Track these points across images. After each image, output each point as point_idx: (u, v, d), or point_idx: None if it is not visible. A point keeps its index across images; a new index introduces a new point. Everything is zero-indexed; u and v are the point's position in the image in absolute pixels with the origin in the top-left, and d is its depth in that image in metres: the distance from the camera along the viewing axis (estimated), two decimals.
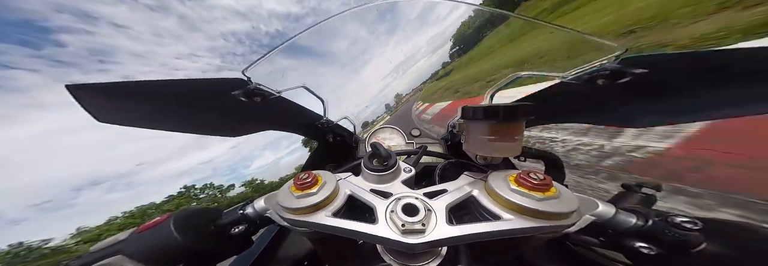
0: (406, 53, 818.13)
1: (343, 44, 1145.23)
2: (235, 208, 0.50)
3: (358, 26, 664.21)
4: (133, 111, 0.55)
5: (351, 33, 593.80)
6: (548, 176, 0.38)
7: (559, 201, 0.35)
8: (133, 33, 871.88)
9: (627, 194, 0.73)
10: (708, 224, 0.35)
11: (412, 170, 0.48)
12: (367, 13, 0.78)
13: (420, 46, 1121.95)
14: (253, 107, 0.68)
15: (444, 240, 0.33)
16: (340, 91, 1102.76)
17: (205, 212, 0.49)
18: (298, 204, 0.39)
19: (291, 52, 66.78)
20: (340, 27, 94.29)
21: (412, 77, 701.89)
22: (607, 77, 0.50)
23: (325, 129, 0.91)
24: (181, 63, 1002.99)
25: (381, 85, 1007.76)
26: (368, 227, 0.36)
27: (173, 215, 0.44)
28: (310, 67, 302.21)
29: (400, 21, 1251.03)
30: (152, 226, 0.43)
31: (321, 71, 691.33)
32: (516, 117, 0.45)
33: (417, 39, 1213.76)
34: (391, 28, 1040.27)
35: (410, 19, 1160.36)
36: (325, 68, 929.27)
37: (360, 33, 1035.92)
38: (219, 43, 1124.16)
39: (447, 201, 0.39)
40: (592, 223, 0.39)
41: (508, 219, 0.35)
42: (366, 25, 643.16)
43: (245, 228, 0.48)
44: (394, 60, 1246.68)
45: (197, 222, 0.46)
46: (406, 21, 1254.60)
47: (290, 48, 0.64)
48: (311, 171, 0.44)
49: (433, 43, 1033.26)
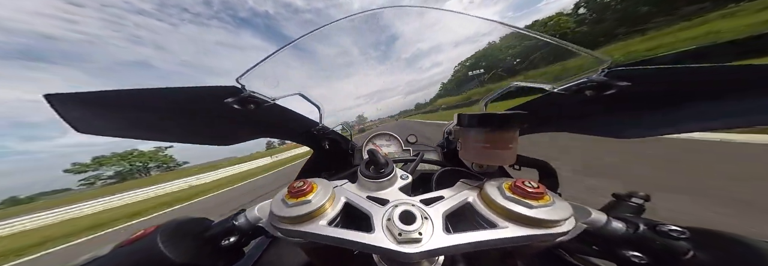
0: (388, 84, 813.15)
1: (334, 52, 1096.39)
2: (225, 218, 0.48)
3: (355, 38, 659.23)
4: (118, 121, 0.52)
5: (346, 43, 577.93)
6: (542, 185, 0.38)
7: (554, 209, 0.35)
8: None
9: (617, 203, 0.74)
10: (694, 233, 0.35)
11: (409, 177, 0.48)
12: (362, 25, 0.79)
13: (401, 82, 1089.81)
14: (247, 115, 0.67)
15: (441, 249, 0.33)
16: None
17: (194, 223, 0.47)
18: (292, 213, 0.38)
19: (286, 59, 66.60)
20: (337, 35, 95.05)
21: (380, 107, 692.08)
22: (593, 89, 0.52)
23: (320, 136, 0.90)
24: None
25: (353, 102, 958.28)
26: (364, 236, 0.35)
27: (160, 227, 0.42)
28: (306, 73, 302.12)
29: (393, 53, 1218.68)
30: (136, 240, 0.40)
31: (312, 75, 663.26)
32: (510, 125, 0.46)
33: (400, 76, 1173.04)
34: (383, 56, 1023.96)
35: (400, 57, 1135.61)
36: (316, 73, 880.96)
37: (355, 45, 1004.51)
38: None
39: (443, 208, 0.39)
40: (584, 231, 0.39)
41: (504, 226, 0.35)
42: (361, 40, 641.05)
43: (237, 239, 0.46)
44: (375, 84, 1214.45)
45: (185, 235, 0.43)
46: (397, 56, 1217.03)
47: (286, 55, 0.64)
48: (306, 179, 0.43)
49: (411, 85, 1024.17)
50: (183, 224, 0.45)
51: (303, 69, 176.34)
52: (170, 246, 0.39)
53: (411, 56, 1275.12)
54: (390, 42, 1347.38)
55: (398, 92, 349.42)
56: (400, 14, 1.18)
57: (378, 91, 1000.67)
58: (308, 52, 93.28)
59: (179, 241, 0.41)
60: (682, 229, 0.36)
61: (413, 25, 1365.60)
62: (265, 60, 0.58)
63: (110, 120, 0.51)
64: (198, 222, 0.48)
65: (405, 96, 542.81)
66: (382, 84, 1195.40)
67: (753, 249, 0.31)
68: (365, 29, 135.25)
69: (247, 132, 0.79)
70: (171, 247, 0.39)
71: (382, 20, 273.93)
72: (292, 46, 0.66)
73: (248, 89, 0.59)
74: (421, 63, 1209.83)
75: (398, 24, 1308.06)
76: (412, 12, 0.83)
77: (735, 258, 0.31)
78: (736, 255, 0.31)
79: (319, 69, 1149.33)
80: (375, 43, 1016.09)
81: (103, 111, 0.48)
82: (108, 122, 0.51)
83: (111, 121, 0.51)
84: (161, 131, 0.60)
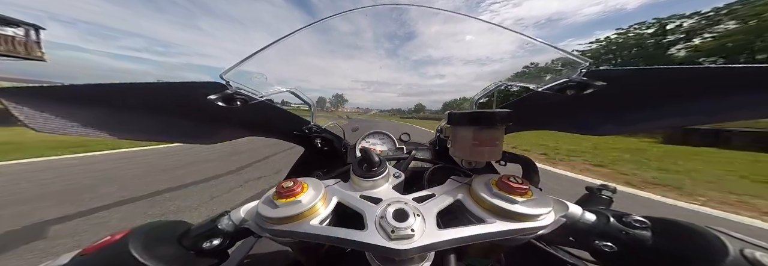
0: (387, 79, 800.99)
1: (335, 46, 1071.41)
2: (206, 221, 0.46)
3: (374, 24, 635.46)
4: (84, 118, 0.47)
5: (362, 26, 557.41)
6: (525, 180, 0.40)
7: (536, 204, 0.37)
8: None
9: (590, 196, 0.80)
10: (654, 222, 0.39)
11: (402, 175, 0.49)
12: (386, 14, 0.76)
13: (401, 82, 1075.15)
14: (233, 112, 0.65)
15: (433, 244, 0.34)
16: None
17: (171, 226, 0.44)
18: (282, 214, 0.37)
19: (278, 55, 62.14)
20: (333, 30, 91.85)
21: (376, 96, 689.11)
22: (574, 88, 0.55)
23: (312, 135, 0.88)
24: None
25: (346, 84, 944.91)
26: (357, 234, 0.35)
27: (131, 232, 0.39)
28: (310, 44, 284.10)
29: (403, 50, 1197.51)
30: (102, 247, 0.37)
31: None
32: (496, 123, 0.48)
33: (401, 75, 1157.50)
34: (397, 41, 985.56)
35: (409, 57, 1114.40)
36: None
37: (370, 29, 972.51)
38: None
39: (435, 205, 0.40)
40: (562, 224, 0.41)
41: (492, 221, 0.36)
42: (379, 28, 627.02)
43: (220, 241, 0.43)
44: (376, 75, 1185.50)
45: (162, 239, 0.41)
46: (405, 55, 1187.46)
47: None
48: (296, 179, 0.43)
49: (410, 88, 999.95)
50: (158, 227, 0.43)
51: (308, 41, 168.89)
52: (144, 251, 0.36)
53: (419, 60, 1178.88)
54: (405, 38, 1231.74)
55: (394, 90, 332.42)
56: (426, 15, 1.14)
57: (375, 81, 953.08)
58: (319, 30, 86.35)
59: (154, 246, 0.38)
60: (644, 219, 0.39)
61: (432, 29, 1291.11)
62: (254, 55, 0.57)
63: (75, 117, 0.47)
64: (175, 225, 0.45)
65: (399, 95, 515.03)
66: (382, 76, 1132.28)
67: (703, 235, 0.34)
68: (387, 18, 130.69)
69: (233, 131, 0.76)
70: (145, 253, 0.36)
71: (405, 15, 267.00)
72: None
73: (234, 85, 0.57)
74: (426, 69, 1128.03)
75: (419, 25, 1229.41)
76: (438, 17, 0.82)
77: (688, 243, 0.35)
78: (689, 241, 0.35)
79: (324, 41, 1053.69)
80: (389, 35, 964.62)
81: (65, 108, 0.44)
82: (71, 119, 0.46)
83: (75, 118, 0.47)
84: (136, 129, 0.56)
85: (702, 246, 0.33)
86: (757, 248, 0.31)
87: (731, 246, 0.31)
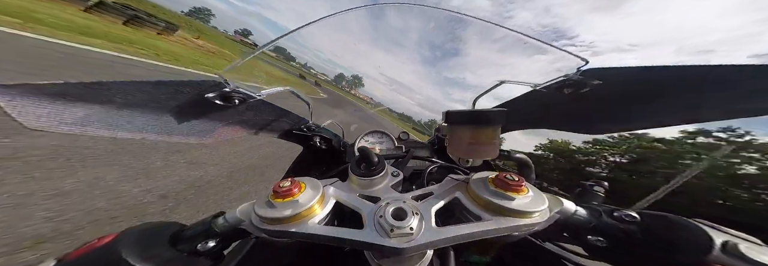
0: (411, 83, 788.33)
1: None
2: (201, 221, 0.45)
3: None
4: (79, 115, 0.47)
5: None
6: (522, 177, 0.40)
7: (532, 201, 0.38)
8: None
9: (583, 191, 0.81)
10: (643, 217, 0.40)
11: (400, 174, 0.49)
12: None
13: (401, 81, 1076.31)
14: (231, 111, 0.65)
15: (432, 242, 0.34)
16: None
17: (164, 227, 0.43)
18: (279, 214, 0.37)
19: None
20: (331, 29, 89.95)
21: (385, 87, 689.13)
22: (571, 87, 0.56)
23: (310, 134, 0.88)
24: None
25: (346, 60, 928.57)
26: (356, 233, 0.35)
27: (121, 235, 0.38)
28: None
29: (428, 52, 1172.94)
30: (88, 251, 0.35)
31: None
32: (492, 122, 0.48)
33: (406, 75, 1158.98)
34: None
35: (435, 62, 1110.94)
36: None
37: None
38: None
39: (433, 203, 0.40)
40: (556, 220, 0.42)
41: (489, 219, 0.37)
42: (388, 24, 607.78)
43: (216, 242, 0.43)
44: (400, 76, 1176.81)
45: (154, 241, 0.39)
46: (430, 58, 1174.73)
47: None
48: (293, 178, 0.42)
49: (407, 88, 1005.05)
50: (150, 229, 0.41)
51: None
52: (135, 254, 0.35)
53: (452, 79, 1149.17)
54: (447, 52, 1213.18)
55: (412, 97, 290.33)
56: (482, 39, 1.04)
57: (398, 82, 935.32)
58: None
59: (147, 249, 0.37)
60: (634, 214, 0.40)
61: (478, 53, 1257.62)
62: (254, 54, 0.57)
63: (69, 115, 0.47)
64: (168, 227, 0.44)
65: (415, 104, 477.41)
66: (405, 79, 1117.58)
67: (689, 229, 0.35)
68: (439, 27, 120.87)
69: (231, 129, 0.76)
70: (136, 255, 0.34)
71: (459, 30, 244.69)
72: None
73: (232, 83, 0.57)
74: (453, 91, 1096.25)
75: (468, 45, 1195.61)
76: (495, 45, 0.82)
77: (675, 237, 0.36)
78: (676, 234, 0.36)
79: (371, 27, 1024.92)
80: (433, 44, 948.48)
81: (59, 105, 0.44)
82: (65, 116, 0.46)
83: (70, 115, 0.47)
84: (132, 127, 0.56)
85: (688, 239, 0.34)
86: (740, 240, 0.32)
87: (716, 239, 0.32)
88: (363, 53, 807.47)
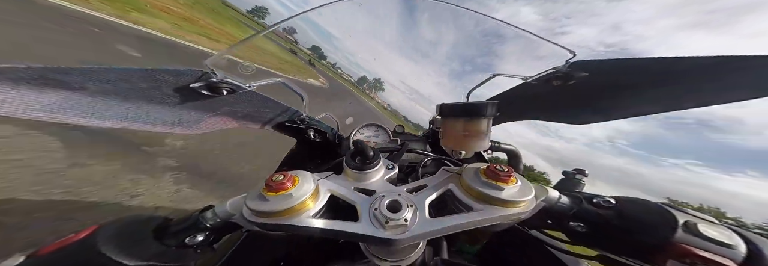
0: (431, 95, 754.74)
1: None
2: (188, 215, 0.44)
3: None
4: (49, 102, 0.44)
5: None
6: (511, 168, 0.41)
7: (520, 190, 0.39)
8: None
9: (565, 180, 0.85)
10: (618, 202, 0.43)
11: (395, 167, 0.49)
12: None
13: (401, 77, 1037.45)
14: (219, 101, 0.63)
15: (425, 233, 0.35)
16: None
17: (147, 220, 0.42)
18: (273, 207, 0.36)
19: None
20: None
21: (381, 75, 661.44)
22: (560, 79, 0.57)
23: (304, 126, 0.86)
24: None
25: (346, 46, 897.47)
26: (351, 225, 0.36)
27: (100, 228, 0.36)
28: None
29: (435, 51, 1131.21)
30: (63, 245, 0.33)
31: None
32: (483, 114, 0.49)
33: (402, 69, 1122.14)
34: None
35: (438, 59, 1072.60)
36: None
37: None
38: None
39: (427, 196, 0.41)
40: (542, 207, 0.44)
41: (480, 209, 0.38)
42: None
43: (205, 236, 0.42)
44: (423, 87, 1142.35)
45: (136, 235, 0.38)
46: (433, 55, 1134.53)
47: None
48: (286, 171, 0.41)
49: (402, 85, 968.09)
50: (130, 223, 0.40)
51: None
52: (117, 248, 0.33)
53: (440, 65, 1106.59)
54: (477, 67, 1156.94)
55: (431, 109, 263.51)
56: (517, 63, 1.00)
57: (417, 91, 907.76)
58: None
59: (130, 242, 0.36)
60: (611, 199, 0.43)
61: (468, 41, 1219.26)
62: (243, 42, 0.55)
63: (38, 100, 0.44)
64: (150, 220, 0.43)
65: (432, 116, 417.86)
66: (427, 90, 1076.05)
67: (657, 211, 0.39)
68: (472, 38, 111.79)
69: (220, 120, 0.74)
70: (118, 250, 0.33)
71: (492, 45, 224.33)
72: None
73: (219, 73, 0.54)
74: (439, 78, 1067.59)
75: (496, 65, 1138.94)
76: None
77: (645, 219, 0.39)
78: (646, 217, 0.39)
79: (404, 32, 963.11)
80: (465, 57, 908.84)
81: (26, 89, 0.41)
82: (34, 102, 0.43)
83: (39, 101, 0.44)
84: (110, 115, 0.54)
85: (655, 221, 0.38)
86: (698, 219, 0.36)
87: (679, 219, 0.36)
88: (390, 58, 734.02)
